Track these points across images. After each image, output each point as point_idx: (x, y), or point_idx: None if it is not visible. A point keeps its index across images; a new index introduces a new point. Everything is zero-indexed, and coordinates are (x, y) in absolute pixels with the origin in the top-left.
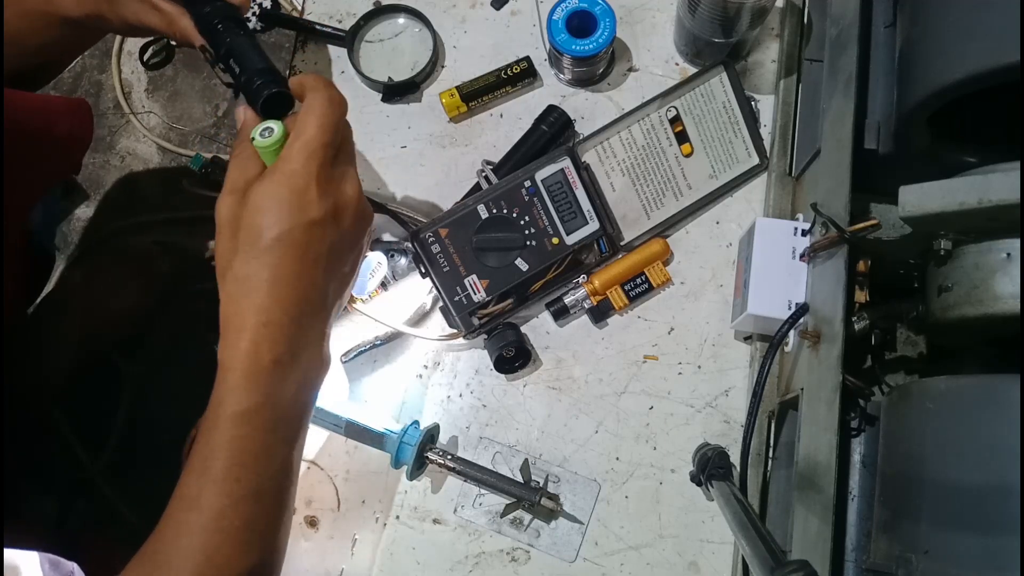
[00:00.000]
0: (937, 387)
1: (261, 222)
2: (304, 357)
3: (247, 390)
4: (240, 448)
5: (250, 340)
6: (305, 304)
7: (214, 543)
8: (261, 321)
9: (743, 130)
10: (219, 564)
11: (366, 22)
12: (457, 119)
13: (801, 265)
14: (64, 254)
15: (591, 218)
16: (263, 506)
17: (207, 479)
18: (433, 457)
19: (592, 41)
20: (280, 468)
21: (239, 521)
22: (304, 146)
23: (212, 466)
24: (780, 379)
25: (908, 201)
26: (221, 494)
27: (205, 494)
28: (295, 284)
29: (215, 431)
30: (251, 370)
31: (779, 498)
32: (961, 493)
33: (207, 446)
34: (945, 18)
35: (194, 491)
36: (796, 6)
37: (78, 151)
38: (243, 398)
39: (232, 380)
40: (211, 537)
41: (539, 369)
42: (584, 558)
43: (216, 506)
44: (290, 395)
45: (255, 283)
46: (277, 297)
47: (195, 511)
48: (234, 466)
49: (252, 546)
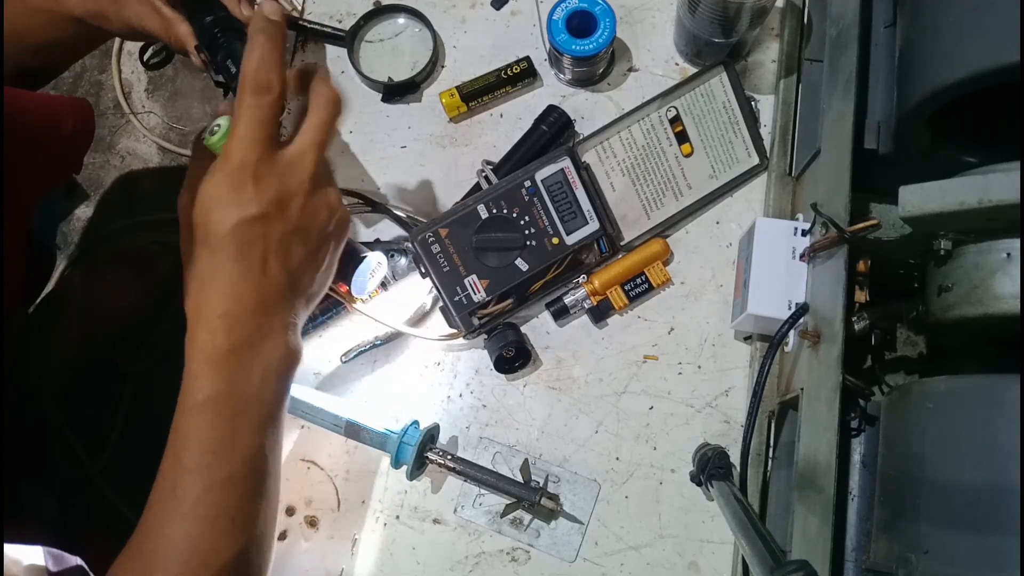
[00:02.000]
0: (937, 387)
1: (207, 220)
2: (266, 346)
3: (208, 378)
4: (208, 436)
5: (207, 330)
6: (263, 295)
7: (195, 531)
8: (216, 313)
9: (743, 130)
10: (204, 552)
11: (366, 22)
12: (457, 119)
13: (801, 265)
14: (64, 254)
15: (591, 218)
16: (237, 493)
17: (181, 468)
18: (433, 457)
19: (592, 41)
20: (253, 455)
21: (215, 508)
22: (238, 142)
23: (184, 455)
24: (780, 379)
25: (908, 201)
26: (195, 482)
27: (180, 483)
28: (247, 277)
29: (183, 420)
30: (210, 358)
31: (779, 498)
32: (961, 493)
33: (177, 435)
34: (945, 18)
35: (170, 481)
36: (796, 6)
37: (80, 150)
38: (205, 385)
39: (193, 369)
40: (191, 525)
41: (539, 369)
42: (584, 558)
43: (191, 494)
44: (254, 383)
45: (208, 278)
46: (230, 290)
47: (173, 500)
48: (204, 453)
49: (233, 533)
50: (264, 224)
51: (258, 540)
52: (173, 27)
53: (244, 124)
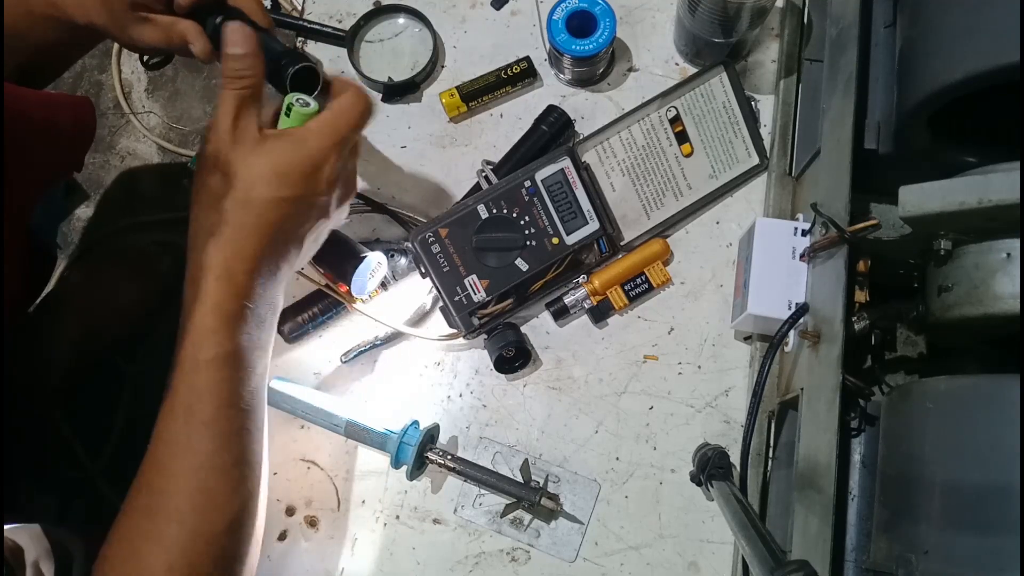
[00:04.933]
0: (937, 387)
1: (274, 180)
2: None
3: (227, 335)
4: (226, 391)
5: (228, 285)
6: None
7: (210, 482)
8: (243, 269)
9: (743, 130)
10: (218, 502)
11: (366, 22)
12: (457, 119)
13: (801, 265)
14: (64, 254)
15: (591, 218)
16: (247, 441)
17: (195, 422)
18: (433, 457)
19: (592, 41)
20: (256, 403)
21: (230, 458)
22: (334, 130)
23: (200, 409)
24: (780, 379)
25: (908, 201)
26: (213, 434)
27: (196, 437)
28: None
29: (196, 375)
30: (231, 315)
31: (779, 498)
32: (961, 493)
33: (191, 391)
34: (945, 18)
35: (183, 436)
36: (796, 6)
37: (81, 147)
38: (224, 341)
39: (209, 323)
40: (206, 476)
41: (539, 369)
42: (584, 558)
43: (208, 446)
44: (264, 337)
45: (245, 232)
46: (263, 249)
47: (187, 454)
48: (222, 407)
49: (243, 482)
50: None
51: (259, 484)
52: (175, 28)
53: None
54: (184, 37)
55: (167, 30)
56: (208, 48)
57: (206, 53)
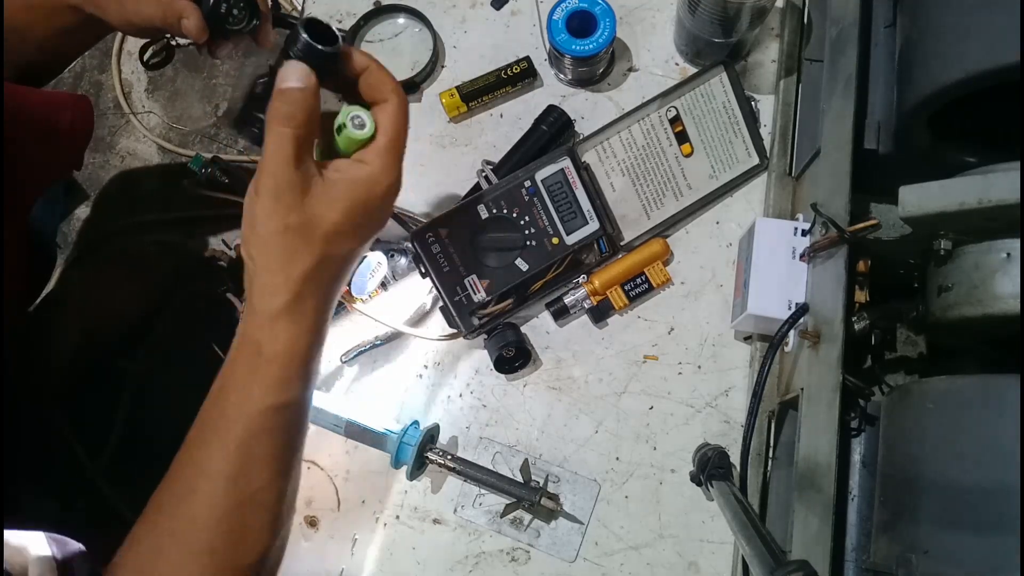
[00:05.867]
0: (937, 387)
1: (347, 228)
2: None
3: (301, 382)
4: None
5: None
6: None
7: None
8: (318, 308)
9: (743, 130)
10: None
11: (366, 22)
12: (457, 119)
13: (801, 265)
14: (64, 254)
15: (591, 218)
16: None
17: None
18: (433, 457)
19: (592, 41)
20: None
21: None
22: (397, 157)
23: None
24: (780, 379)
25: (908, 201)
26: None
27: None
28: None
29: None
30: (303, 363)
31: (779, 498)
32: (961, 493)
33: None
34: (945, 18)
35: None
36: (796, 6)
37: (80, 145)
38: (294, 389)
39: (283, 372)
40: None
41: (539, 369)
42: (584, 558)
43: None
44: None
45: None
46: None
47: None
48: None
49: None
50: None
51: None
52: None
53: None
54: (180, 13)
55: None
56: (201, 25)
57: (199, 30)
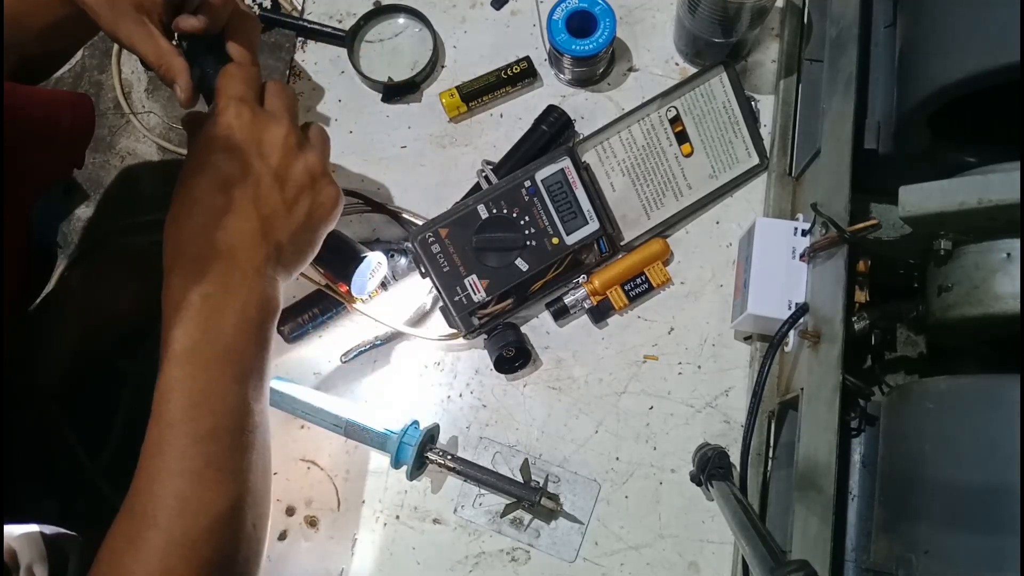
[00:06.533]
0: (937, 387)
1: (189, 158)
2: (240, 292)
3: (183, 327)
4: (188, 388)
5: (179, 276)
6: (233, 236)
7: (183, 486)
8: (189, 256)
9: (743, 130)
10: (194, 506)
11: (366, 22)
12: (457, 119)
13: (801, 265)
14: (64, 254)
15: (591, 218)
16: (224, 445)
17: (164, 423)
18: (433, 457)
19: (592, 41)
20: (237, 406)
21: (201, 460)
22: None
23: (166, 410)
24: (780, 379)
25: (908, 201)
26: (179, 436)
27: (164, 438)
28: (219, 215)
29: (163, 374)
30: (182, 306)
31: (779, 498)
32: (961, 493)
33: (159, 391)
34: (945, 18)
35: (155, 438)
36: (796, 6)
37: (80, 144)
38: (180, 336)
39: (168, 319)
40: (179, 480)
41: (539, 369)
42: (584, 558)
43: (176, 448)
44: (227, 331)
45: (182, 218)
46: (202, 230)
47: (159, 456)
48: (186, 407)
49: (223, 485)
50: (240, 159)
51: (252, 493)
52: (167, 59)
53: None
54: (172, 76)
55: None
56: (189, 96)
57: (187, 100)
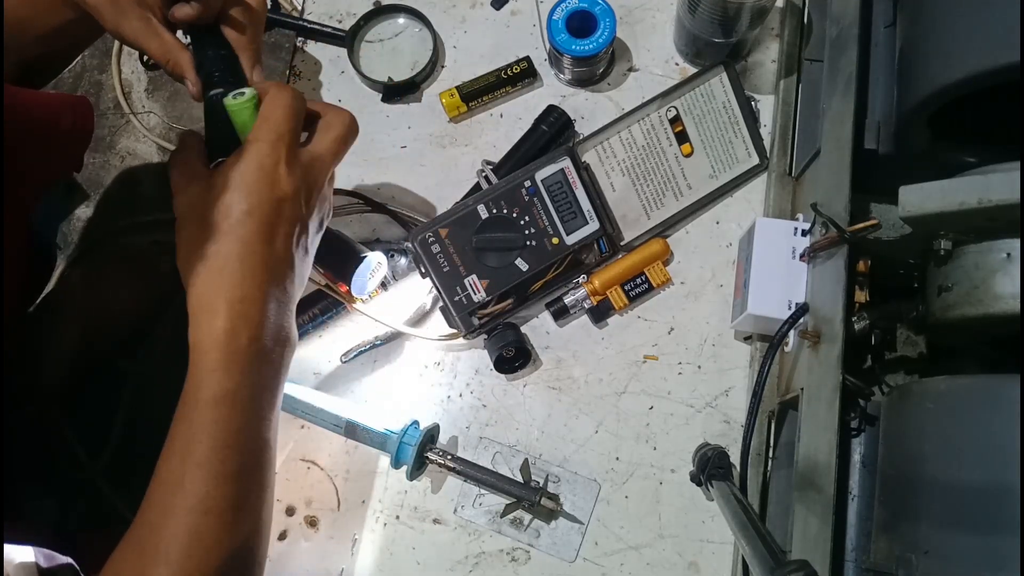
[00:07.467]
0: (937, 387)
1: (231, 199)
2: (281, 336)
3: (226, 372)
4: (222, 430)
5: (226, 319)
6: (274, 278)
7: (202, 524)
8: (236, 297)
9: (743, 130)
10: (208, 544)
11: (366, 22)
12: (457, 119)
13: (801, 265)
14: (64, 254)
15: (591, 218)
16: (246, 484)
17: (191, 462)
18: (433, 457)
19: (592, 41)
20: (261, 446)
21: (224, 502)
22: (273, 126)
23: (195, 449)
24: (780, 379)
25: (908, 201)
26: (206, 476)
27: (189, 477)
28: (265, 258)
29: (195, 414)
30: (229, 351)
31: (779, 498)
32: (961, 493)
33: (189, 430)
34: (945, 18)
35: (177, 475)
36: (796, 6)
37: (80, 146)
38: (223, 380)
39: (210, 363)
40: (197, 518)
41: (539, 369)
42: (584, 558)
43: (201, 488)
44: (270, 375)
45: (225, 259)
46: (249, 271)
47: (180, 494)
48: (217, 448)
49: (238, 525)
50: (289, 206)
51: (260, 528)
52: (173, 53)
53: (281, 111)
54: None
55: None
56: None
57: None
